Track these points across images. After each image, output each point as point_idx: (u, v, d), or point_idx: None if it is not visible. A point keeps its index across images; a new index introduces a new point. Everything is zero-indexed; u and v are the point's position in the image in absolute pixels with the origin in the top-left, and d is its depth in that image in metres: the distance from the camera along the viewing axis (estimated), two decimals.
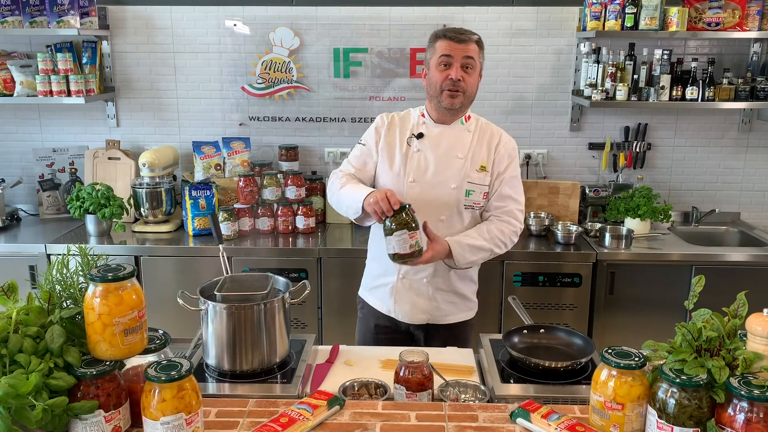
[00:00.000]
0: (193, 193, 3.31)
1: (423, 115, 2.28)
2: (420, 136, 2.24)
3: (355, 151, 2.33)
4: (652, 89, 3.34)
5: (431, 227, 2.13)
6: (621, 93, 3.33)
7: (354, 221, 2.22)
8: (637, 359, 1.35)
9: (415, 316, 2.29)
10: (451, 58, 2.13)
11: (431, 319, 2.30)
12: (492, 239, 2.19)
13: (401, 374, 1.66)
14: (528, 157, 3.70)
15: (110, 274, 1.32)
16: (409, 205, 1.99)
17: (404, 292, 2.28)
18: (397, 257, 2.01)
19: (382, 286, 2.34)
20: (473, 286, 2.40)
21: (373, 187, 2.28)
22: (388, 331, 2.36)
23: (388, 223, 1.98)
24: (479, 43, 2.19)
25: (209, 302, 1.77)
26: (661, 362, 1.34)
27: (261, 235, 3.37)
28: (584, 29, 3.40)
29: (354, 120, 3.67)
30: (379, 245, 2.34)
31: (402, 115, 2.33)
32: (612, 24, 3.25)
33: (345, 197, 2.18)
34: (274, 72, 3.63)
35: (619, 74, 3.37)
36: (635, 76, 3.37)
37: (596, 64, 3.40)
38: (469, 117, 2.29)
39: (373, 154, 2.28)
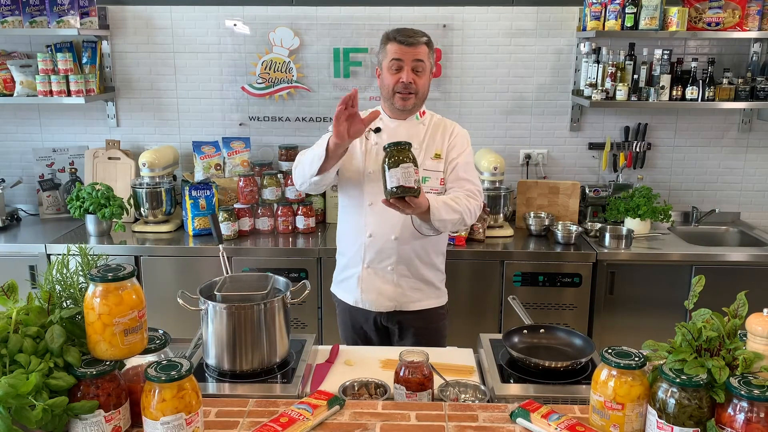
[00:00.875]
0: (193, 193, 3.31)
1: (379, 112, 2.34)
2: (377, 130, 2.31)
3: (320, 140, 2.28)
4: (652, 89, 3.34)
5: (392, 214, 2.14)
6: (621, 93, 3.32)
7: (315, 175, 2.16)
8: (637, 359, 1.35)
9: (382, 303, 2.33)
10: (402, 61, 2.19)
11: (398, 305, 2.33)
12: (461, 205, 2.18)
13: (401, 374, 1.66)
14: (528, 157, 3.70)
15: (110, 274, 1.32)
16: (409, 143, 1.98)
17: (370, 281, 2.33)
18: (398, 190, 1.92)
19: (349, 278, 2.39)
20: (440, 275, 2.43)
21: (336, 182, 2.33)
22: (362, 325, 2.40)
23: (394, 154, 1.93)
24: (429, 44, 2.24)
25: (209, 302, 1.77)
26: (661, 362, 1.34)
27: (261, 235, 3.37)
28: (584, 29, 3.40)
29: None
30: (343, 229, 2.40)
31: (367, 113, 2.36)
32: (612, 24, 3.25)
33: (308, 154, 2.20)
34: (274, 72, 3.63)
35: (619, 74, 3.37)
36: (635, 76, 3.37)
37: (596, 64, 3.40)
38: (423, 112, 2.35)
39: None
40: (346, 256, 2.41)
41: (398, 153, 1.94)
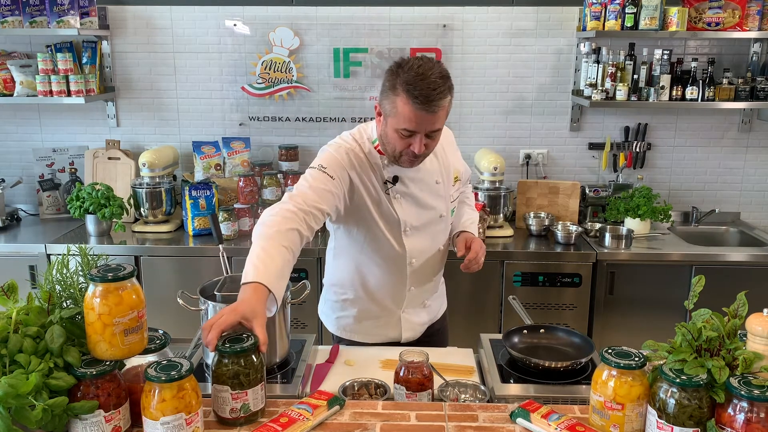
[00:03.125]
0: (193, 193, 3.31)
1: (380, 152, 1.94)
2: (395, 180, 1.96)
3: (315, 179, 1.84)
4: (652, 89, 3.34)
5: (432, 261, 2.11)
6: (621, 93, 3.33)
7: None
8: (637, 359, 1.35)
9: (417, 330, 2.23)
10: (415, 133, 1.78)
11: (429, 323, 2.27)
12: (473, 210, 2.32)
13: (401, 374, 1.65)
14: (528, 157, 3.70)
15: (110, 274, 1.32)
16: (254, 345, 1.40)
17: (407, 321, 2.18)
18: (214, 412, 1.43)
19: (378, 326, 2.18)
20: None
21: (358, 243, 2.02)
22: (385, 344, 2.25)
23: (214, 358, 1.40)
24: (450, 96, 1.80)
25: (209, 302, 1.77)
26: (661, 362, 1.34)
27: None
28: (584, 29, 3.40)
29: (354, 120, 3.67)
30: (374, 292, 2.11)
31: (356, 151, 1.93)
32: (612, 24, 3.25)
33: (249, 256, 1.64)
34: (274, 72, 3.63)
35: (619, 74, 3.37)
36: (635, 76, 3.37)
37: (596, 64, 3.40)
38: None
39: (342, 197, 1.89)
40: (371, 307, 2.14)
41: (220, 357, 1.40)
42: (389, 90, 1.78)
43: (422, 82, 1.71)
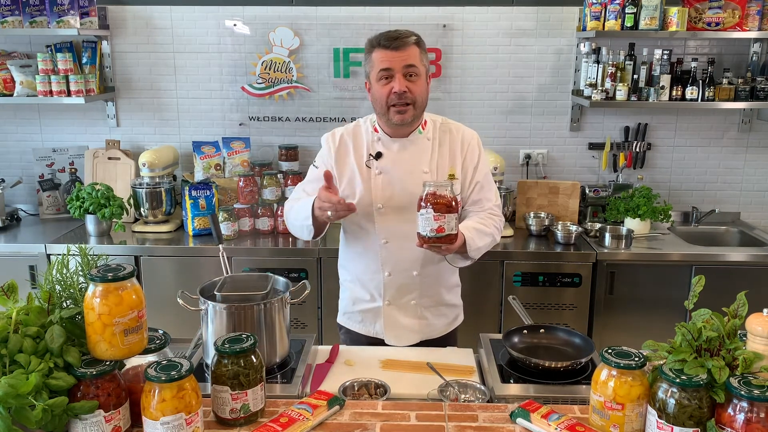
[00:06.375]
0: (193, 193, 3.31)
1: (376, 130, 2.10)
2: (378, 156, 2.07)
3: (309, 175, 2.17)
4: (652, 89, 3.34)
5: (411, 248, 1.95)
6: (621, 93, 3.32)
7: (313, 237, 2.07)
8: (637, 359, 1.35)
9: (407, 337, 2.17)
10: (391, 70, 1.95)
11: (423, 336, 2.20)
12: (490, 226, 2.09)
13: (426, 197, 1.76)
14: (528, 157, 3.70)
15: (110, 274, 1.32)
16: (253, 345, 1.45)
17: (392, 317, 2.16)
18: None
19: (365, 311, 2.21)
20: (457, 289, 2.30)
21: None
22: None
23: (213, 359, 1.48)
24: (419, 43, 1.99)
25: (209, 302, 1.77)
26: (661, 362, 1.34)
27: (261, 235, 3.37)
28: (584, 29, 3.40)
29: (354, 120, 3.66)
30: (355, 265, 2.20)
31: (351, 131, 2.14)
32: (612, 24, 3.25)
33: (294, 214, 2.05)
34: (274, 72, 3.63)
35: (619, 74, 3.37)
36: (635, 76, 3.37)
37: (596, 64, 3.40)
38: (425, 123, 2.11)
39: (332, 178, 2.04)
40: (360, 292, 2.20)
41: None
42: (366, 54, 2.03)
43: (386, 33, 1.98)
